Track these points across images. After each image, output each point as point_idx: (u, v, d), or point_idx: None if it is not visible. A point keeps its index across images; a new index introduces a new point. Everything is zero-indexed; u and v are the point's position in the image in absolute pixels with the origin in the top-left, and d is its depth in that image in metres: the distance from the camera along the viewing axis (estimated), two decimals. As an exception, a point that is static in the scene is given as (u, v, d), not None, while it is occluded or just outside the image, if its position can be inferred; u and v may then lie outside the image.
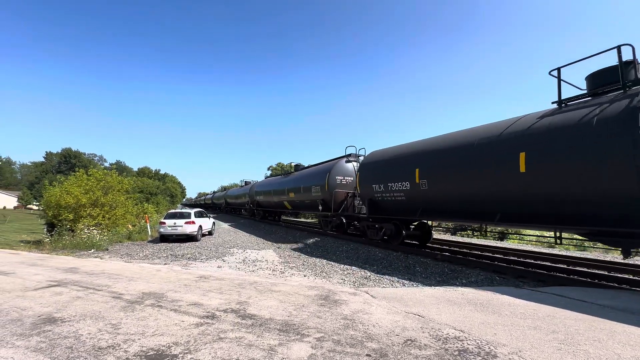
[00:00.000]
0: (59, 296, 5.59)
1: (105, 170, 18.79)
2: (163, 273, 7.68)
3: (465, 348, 3.54)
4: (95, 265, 8.78)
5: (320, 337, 3.82)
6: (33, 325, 4.21)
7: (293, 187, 19.44)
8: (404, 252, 11.08)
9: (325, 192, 15.16)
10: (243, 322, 4.32)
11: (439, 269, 8.70)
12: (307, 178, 17.88)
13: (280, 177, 23.70)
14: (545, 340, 3.72)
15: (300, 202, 18.89)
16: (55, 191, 15.21)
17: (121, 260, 10.11)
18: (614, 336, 3.82)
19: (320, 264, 9.74)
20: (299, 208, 20.15)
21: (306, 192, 17.48)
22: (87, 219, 14.77)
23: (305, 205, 18.52)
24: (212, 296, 5.59)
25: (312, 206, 17.27)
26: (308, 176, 17.87)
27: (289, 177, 21.31)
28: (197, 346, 3.56)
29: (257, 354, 3.37)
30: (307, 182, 17.48)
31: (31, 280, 6.84)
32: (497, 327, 4.15)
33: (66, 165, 65.42)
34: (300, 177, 19.14)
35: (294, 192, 19.10)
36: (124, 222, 17.08)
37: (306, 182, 17.67)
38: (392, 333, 3.96)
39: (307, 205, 17.97)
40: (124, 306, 5.02)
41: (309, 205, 17.71)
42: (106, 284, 6.53)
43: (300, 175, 19.50)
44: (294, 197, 19.27)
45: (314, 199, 16.53)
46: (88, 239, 12.84)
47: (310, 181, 17.04)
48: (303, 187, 17.90)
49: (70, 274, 7.45)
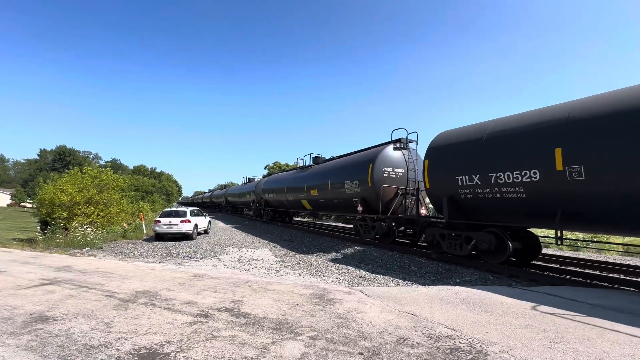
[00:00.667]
0: (51, 294, 5.54)
1: (99, 168, 18.64)
2: (157, 272, 7.65)
3: (457, 346, 3.57)
4: (88, 263, 8.72)
5: (313, 335, 3.83)
6: (24, 324, 4.17)
7: (316, 184, 16.17)
8: (400, 251, 11.12)
9: (368, 188, 12.06)
10: (237, 320, 4.32)
11: (433, 268, 8.75)
12: (338, 171, 14.54)
13: (296, 172, 20.26)
14: (535, 338, 3.77)
15: (326, 202, 15.54)
16: (49, 189, 15.05)
17: (115, 258, 10.04)
18: (603, 335, 3.87)
19: (316, 263, 9.75)
20: (324, 208, 16.82)
21: (336, 189, 14.19)
22: (81, 217, 14.64)
23: (334, 206, 15.13)
24: (206, 295, 5.58)
25: (345, 206, 14.06)
26: (340, 169, 14.48)
27: (307, 171, 18.04)
28: (190, 345, 3.55)
29: (250, 352, 3.37)
30: (339, 176, 14.21)
31: (23, 278, 6.78)
32: (489, 325, 4.19)
33: (60, 162, 64.86)
34: (326, 170, 15.85)
35: (318, 189, 15.89)
36: (119, 220, 16.96)
37: (337, 177, 14.37)
38: (385, 332, 3.98)
39: (337, 205, 14.69)
40: (116, 305, 4.99)
41: (341, 205, 14.41)
42: (99, 282, 6.48)
43: (325, 168, 16.15)
44: (318, 195, 16.04)
45: (349, 197, 13.34)
46: (82, 237, 12.73)
47: (344, 175, 13.76)
48: (332, 183, 14.59)
49: (63, 272, 7.39)
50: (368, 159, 12.47)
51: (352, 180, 13.10)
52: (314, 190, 16.37)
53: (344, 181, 13.66)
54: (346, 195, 13.62)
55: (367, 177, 12.07)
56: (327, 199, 15.39)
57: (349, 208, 13.82)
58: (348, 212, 15.04)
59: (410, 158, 12.52)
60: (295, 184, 19.03)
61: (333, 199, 14.79)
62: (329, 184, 14.92)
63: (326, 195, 15.33)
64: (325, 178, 15.37)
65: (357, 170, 12.94)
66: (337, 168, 14.89)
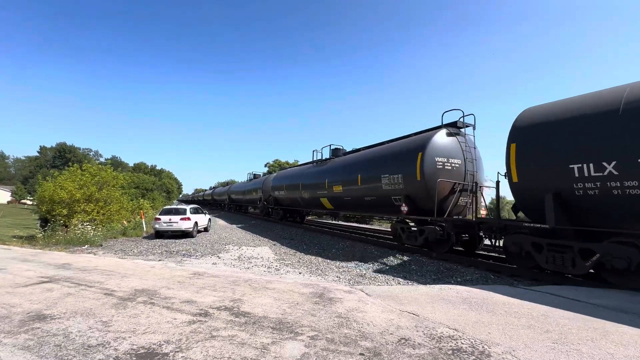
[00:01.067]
0: (50, 293, 5.51)
1: (99, 166, 18.60)
2: (157, 270, 7.61)
3: (459, 347, 3.52)
4: (88, 261, 8.68)
5: (314, 335, 3.79)
6: (21, 323, 4.13)
7: (340, 179, 13.81)
8: (400, 249, 11.09)
9: (416, 183, 9.80)
10: (236, 320, 4.28)
11: (434, 267, 8.71)
12: (371, 164, 12.17)
13: (312, 166, 17.73)
14: (538, 339, 3.72)
15: (354, 200, 13.14)
16: (49, 186, 15.02)
17: (115, 256, 10.01)
18: (607, 335, 3.83)
19: (316, 261, 9.71)
20: (349, 208, 14.38)
21: (369, 185, 11.92)
22: (81, 214, 14.62)
23: (365, 204, 12.64)
24: (205, 293, 5.54)
25: (380, 205, 11.84)
26: (374, 161, 12.09)
27: (327, 165, 15.85)
28: (189, 344, 3.51)
29: (249, 352, 3.33)
30: (372, 169, 11.89)
31: (22, 276, 6.74)
32: (491, 326, 4.15)
33: (61, 160, 64.84)
34: (353, 162, 13.43)
35: (343, 185, 13.60)
36: (119, 217, 16.94)
37: (370, 170, 12.05)
38: (386, 332, 3.94)
39: (370, 204, 12.28)
40: (115, 303, 4.96)
41: (374, 204, 12.06)
42: (98, 280, 6.45)
43: (352, 160, 13.76)
44: (342, 193, 13.75)
45: (387, 194, 11.03)
46: (82, 235, 12.71)
47: (380, 168, 11.43)
48: (363, 178, 12.22)
49: (63, 270, 7.36)
50: (415, 148, 10.14)
51: (393, 174, 10.70)
52: (337, 186, 13.99)
53: (379, 175, 11.23)
54: (383, 192, 11.19)
55: (416, 169, 9.77)
56: (355, 196, 12.95)
57: (386, 207, 11.55)
58: (383, 213, 12.85)
59: (466, 146, 10.31)
60: (312, 180, 16.65)
61: (363, 196, 12.37)
62: (358, 178, 12.46)
63: (354, 192, 12.91)
64: (354, 172, 12.87)
65: (399, 161, 10.65)
66: (370, 160, 12.37)
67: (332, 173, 14.85)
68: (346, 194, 13.58)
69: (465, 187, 10.06)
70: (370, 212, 13.99)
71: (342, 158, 15.13)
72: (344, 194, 13.66)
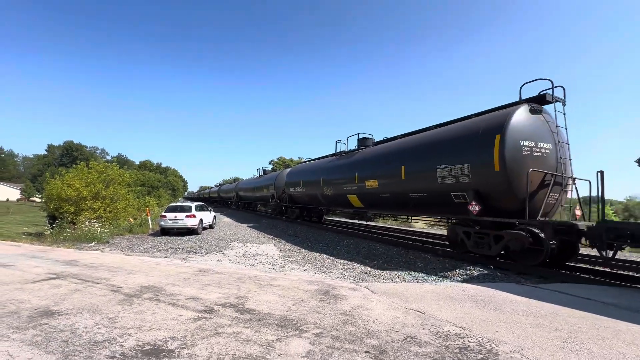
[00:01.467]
0: (57, 289, 5.56)
1: (106, 164, 18.78)
2: (163, 266, 7.66)
3: (466, 345, 3.48)
4: (95, 258, 8.77)
5: (318, 332, 3.77)
6: (30, 319, 4.18)
7: (376, 172, 11.62)
8: (405, 247, 11.02)
9: (492, 175, 7.70)
10: (241, 316, 4.28)
11: (439, 264, 8.63)
12: (421, 152, 9.90)
13: (335, 159, 15.60)
14: (547, 338, 3.66)
15: (394, 196, 10.91)
16: (56, 184, 15.19)
17: (121, 253, 10.10)
18: (619, 335, 3.75)
19: (321, 258, 9.69)
20: (385, 206, 12.12)
21: (419, 178, 9.72)
22: (88, 211, 14.77)
23: (413, 203, 10.28)
24: (210, 290, 5.56)
25: (434, 204, 9.70)
26: (426, 148, 9.79)
27: (355, 156, 13.60)
28: (194, 341, 3.51)
29: (254, 349, 3.32)
30: (424, 158, 9.65)
31: (30, 272, 6.83)
32: (498, 324, 4.09)
33: (68, 158, 65.68)
34: (394, 152, 11.19)
35: (379, 179, 11.40)
36: (125, 215, 17.09)
37: (419, 160, 9.81)
38: (391, 329, 3.90)
39: (419, 201, 9.94)
40: (121, 300, 4.99)
41: (425, 201, 9.77)
42: (105, 277, 6.51)
43: (392, 149, 11.52)
44: (378, 188, 11.48)
45: (446, 189, 8.82)
46: (89, 232, 12.85)
47: (435, 156, 9.19)
48: (409, 170, 10.02)
49: (70, 267, 7.44)
50: (490, 129, 7.90)
51: (454, 165, 8.49)
52: (371, 180, 11.82)
53: (434, 166, 9.03)
54: (438, 187, 9.01)
55: (492, 157, 7.58)
56: (396, 192, 10.79)
57: (440, 206, 9.51)
58: (436, 213, 10.57)
59: (556, 127, 8.16)
60: (337, 174, 14.48)
61: (408, 192, 10.17)
62: (401, 171, 10.25)
63: (395, 188, 10.76)
64: (395, 163, 10.68)
65: (465, 147, 8.39)
66: (419, 147, 10.08)
67: (364, 165, 12.53)
68: (384, 190, 11.28)
69: (558, 179, 7.82)
70: (417, 211, 11.40)
71: (376, 148, 12.78)
72: (381, 189, 11.39)
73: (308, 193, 17.85)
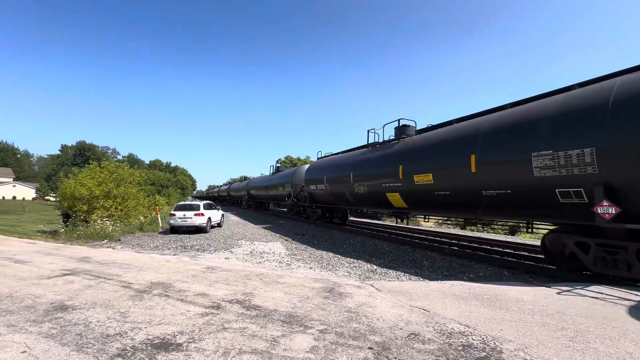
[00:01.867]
0: (71, 284, 5.76)
1: (117, 163, 19.20)
2: (172, 263, 7.83)
3: (469, 343, 3.49)
4: (107, 255, 9.01)
5: (323, 329, 3.83)
6: (45, 312, 4.35)
7: (431, 164, 9.42)
8: (412, 245, 10.99)
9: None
10: (247, 312, 4.36)
11: (446, 263, 8.60)
12: (503, 135, 7.56)
13: (367, 151, 13.37)
14: (553, 337, 3.63)
15: (462, 195, 8.64)
16: (70, 183, 15.62)
17: (132, 250, 10.35)
18: (627, 334, 3.70)
19: (327, 256, 9.76)
20: (445, 206, 9.73)
21: (501, 170, 7.50)
22: (100, 210, 15.16)
23: (488, 202, 8.01)
24: (218, 287, 5.67)
25: (529, 202, 7.26)
26: (511, 129, 7.44)
27: (397, 146, 11.35)
28: (202, 335, 3.61)
29: (260, 344, 3.40)
30: (509, 143, 7.38)
31: (46, 268, 7.07)
32: (503, 322, 4.08)
33: (81, 157, 67.23)
34: (462, 137, 8.71)
35: (436, 173, 9.18)
36: (136, 213, 17.47)
37: (501, 146, 7.55)
38: (395, 327, 3.93)
39: (501, 201, 7.72)
40: (132, 295, 5.14)
41: (510, 200, 7.51)
42: (117, 273, 6.69)
43: (457, 133, 8.98)
44: (434, 184, 9.29)
45: (548, 184, 6.62)
46: (101, 230, 13.18)
47: (528, 140, 6.98)
48: (482, 159, 7.85)
49: (83, 263, 7.67)
50: (630, 96, 5.62)
51: (562, 150, 6.32)
52: (422, 175, 9.61)
53: (528, 154, 6.84)
54: (535, 180, 6.79)
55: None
56: (461, 190, 8.54)
57: (537, 206, 7.22)
58: (525, 215, 8.05)
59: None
60: (372, 169, 12.37)
61: (481, 189, 7.92)
62: (470, 161, 8.01)
63: (460, 183, 8.49)
64: (460, 151, 8.43)
65: (582, 125, 6.14)
66: (501, 129, 7.64)
67: (410, 156, 10.38)
68: (441, 186, 9.06)
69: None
70: (491, 213, 8.63)
71: (426, 135, 10.49)
72: (437, 185, 9.16)
73: (333, 191, 15.81)
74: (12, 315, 4.23)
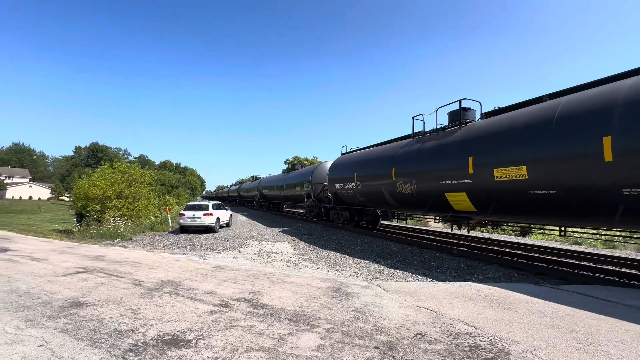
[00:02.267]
0: (85, 282, 5.92)
1: (128, 164, 19.60)
2: (182, 262, 7.97)
3: (477, 344, 3.47)
4: (119, 253, 9.23)
5: (329, 328, 3.86)
6: (61, 308, 4.49)
7: (524, 153, 7.00)
8: (420, 246, 10.92)
9: None
10: (255, 311, 4.43)
11: (454, 264, 8.53)
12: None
13: (413, 142, 11.07)
14: (563, 339, 3.59)
15: (590, 193, 6.10)
16: (83, 184, 16.03)
17: (143, 249, 10.56)
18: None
19: (334, 257, 9.77)
20: (543, 210, 7.14)
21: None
22: (112, 210, 15.50)
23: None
24: (226, 285, 5.75)
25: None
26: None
27: (459, 133, 9.15)
28: (210, 333, 3.68)
29: (267, 342, 3.45)
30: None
31: (61, 266, 7.29)
32: (512, 324, 4.04)
33: (94, 159, 68.73)
34: (578, 113, 6.25)
35: (532, 165, 6.85)
36: (147, 213, 17.79)
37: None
38: (402, 327, 3.94)
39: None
40: (143, 293, 5.26)
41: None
42: (128, 271, 6.85)
43: (564, 111, 6.53)
44: (529, 178, 6.90)
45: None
46: (113, 229, 13.49)
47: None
48: (624, 145, 5.44)
49: (96, 262, 7.87)
50: None
51: None
52: (508, 167, 7.28)
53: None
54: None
55: None
56: (577, 187, 6.28)
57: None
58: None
59: None
60: (423, 163, 10.09)
61: (619, 186, 5.67)
62: (603, 146, 5.74)
63: (577, 177, 6.21)
64: (580, 134, 6.17)
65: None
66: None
67: (485, 145, 8.04)
68: (542, 183, 6.73)
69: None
70: (636, 221, 6.01)
71: (506, 116, 8.06)
72: (534, 181, 6.84)
73: (365, 191, 13.38)
74: (30, 311, 4.39)
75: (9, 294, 5.15)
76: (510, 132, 7.55)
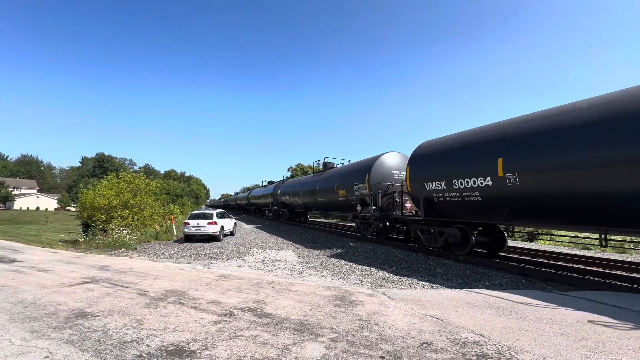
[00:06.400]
0: (91, 292, 5.95)
1: (134, 174, 19.80)
2: (186, 272, 7.97)
3: (484, 353, 3.41)
4: (124, 263, 9.26)
5: (334, 337, 3.82)
6: (66, 319, 4.51)
7: None
8: (425, 252, 10.82)
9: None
10: (259, 320, 4.40)
11: (460, 270, 8.42)
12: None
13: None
14: (572, 347, 3.51)
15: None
16: (89, 194, 16.19)
17: (148, 259, 10.59)
18: (652, 345, 3.54)
19: (339, 264, 9.71)
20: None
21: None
22: (117, 219, 15.61)
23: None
24: (230, 295, 5.74)
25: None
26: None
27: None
28: (214, 343, 3.67)
29: (271, 352, 3.43)
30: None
31: (67, 277, 7.33)
32: (520, 332, 3.97)
33: (100, 169, 69.42)
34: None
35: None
36: (152, 222, 17.88)
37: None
38: (407, 335, 3.89)
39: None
40: (148, 303, 5.26)
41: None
42: (133, 281, 6.87)
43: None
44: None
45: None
46: (119, 239, 13.55)
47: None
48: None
49: (102, 272, 7.91)
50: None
51: None
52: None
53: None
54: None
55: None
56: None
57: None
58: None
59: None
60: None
61: None
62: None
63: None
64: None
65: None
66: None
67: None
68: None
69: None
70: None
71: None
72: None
73: (487, 194, 8.76)
74: (36, 322, 4.41)
75: (16, 305, 5.18)
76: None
